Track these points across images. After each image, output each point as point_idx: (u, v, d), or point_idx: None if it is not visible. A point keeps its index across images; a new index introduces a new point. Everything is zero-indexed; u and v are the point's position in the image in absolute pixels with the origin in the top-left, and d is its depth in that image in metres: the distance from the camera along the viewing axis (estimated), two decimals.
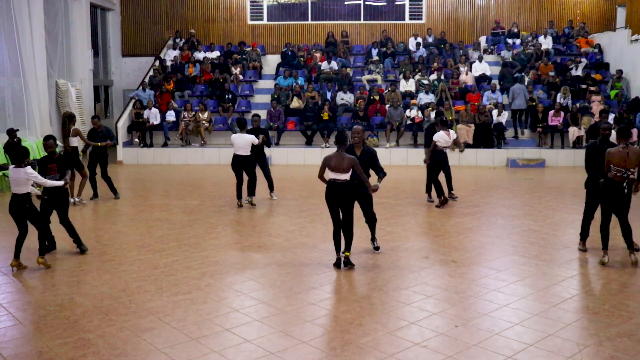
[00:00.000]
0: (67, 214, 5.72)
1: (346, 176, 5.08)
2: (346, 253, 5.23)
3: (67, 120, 8.14)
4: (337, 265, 5.29)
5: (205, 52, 15.32)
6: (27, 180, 5.18)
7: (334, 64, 14.12)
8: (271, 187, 8.52)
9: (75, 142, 8.16)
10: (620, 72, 13.35)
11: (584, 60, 14.21)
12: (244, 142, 7.78)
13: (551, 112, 12.39)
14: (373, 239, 5.87)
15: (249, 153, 7.83)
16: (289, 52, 15.05)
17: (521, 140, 12.67)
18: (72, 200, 7.95)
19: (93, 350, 3.67)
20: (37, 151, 10.34)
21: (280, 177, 10.82)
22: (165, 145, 12.84)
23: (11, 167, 5.29)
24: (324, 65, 14.25)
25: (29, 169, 5.20)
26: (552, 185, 10.17)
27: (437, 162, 7.94)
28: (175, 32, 16.06)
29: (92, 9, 14.80)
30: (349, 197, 5.12)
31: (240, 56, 15.01)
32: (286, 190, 9.31)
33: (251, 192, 8.06)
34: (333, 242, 5.32)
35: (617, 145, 5.24)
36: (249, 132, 8.05)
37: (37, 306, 4.47)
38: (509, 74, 13.63)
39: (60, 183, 5.49)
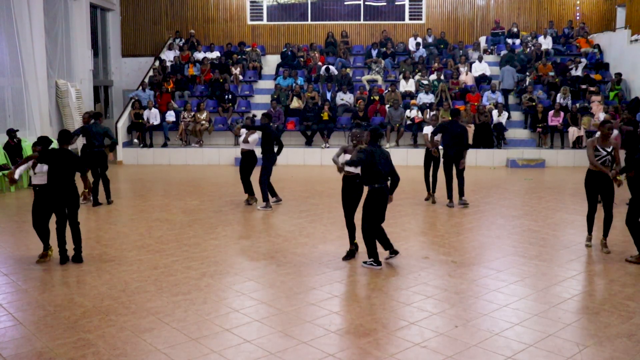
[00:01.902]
0: (77, 214, 5.69)
1: (358, 170, 5.42)
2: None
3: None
4: (349, 256, 5.57)
5: (205, 52, 15.33)
6: None
7: (333, 69, 14.12)
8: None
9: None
10: (619, 75, 13.37)
11: (583, 61, 14.22)
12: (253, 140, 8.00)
13: (551, 112, 12.40)
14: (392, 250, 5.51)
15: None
16: (289, 53, 15.06)
17: (521, 141, 12.68)
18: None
19: (93, 351, 3.67)
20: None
21: (280, 177, 10.82)
22: (165, 145, 12.84)
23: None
24: (323, 70, 14.22)
25: None
26: (552, 185, 10.17)
27: (426, 158, 8.20)
28: (175, 32, 16.07)
29: (92, 9, 14.80)
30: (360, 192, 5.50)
31: (240, 56, 15.02)
32: (286, 190, 9.31)
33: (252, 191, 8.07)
34: (347, 232, 5.62)
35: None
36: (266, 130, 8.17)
37: (37, 306, 4.47)
38: (508, 56, 13.98)
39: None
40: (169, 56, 15.08)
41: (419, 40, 15.33)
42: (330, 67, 14.19)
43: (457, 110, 8.10)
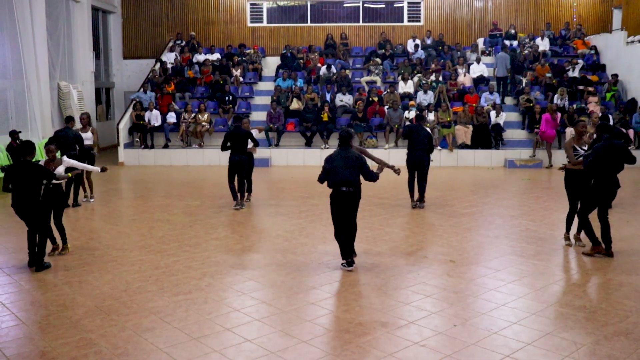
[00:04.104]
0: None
1: None
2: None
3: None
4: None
5: (205, 54, 15.41)
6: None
7: (333, 69, 14.23)
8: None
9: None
10: (615, 76, 13.48)
11: (580, 62, 14.30)
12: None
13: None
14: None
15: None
16: (289, 54, 15.13)
17: (519, 141, 12.75)
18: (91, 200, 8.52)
19: (95, 350, 3.70)
20: (40, 153, 10.39)
21: (280, 178, 10.88)
22: (166, 146, 12.90)
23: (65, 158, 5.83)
24: (323, 69, 14.34)
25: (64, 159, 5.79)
26: (550, 185, 10.22)
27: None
28: (176, 34, 16.15)
29: (93, 11, 14.88)
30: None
31: (240, 58, 15.09)
32: (286, 191, 9.36)
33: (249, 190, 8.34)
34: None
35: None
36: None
37: (39, 306, 4.51)
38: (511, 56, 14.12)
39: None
40: (169, 58, 15.16)
41: (418, 42, 15.40)
42: (332, 65, 14.31)
43: (421, 115, 8.14)
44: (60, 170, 5.64)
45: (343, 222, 5.19)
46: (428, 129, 8.43)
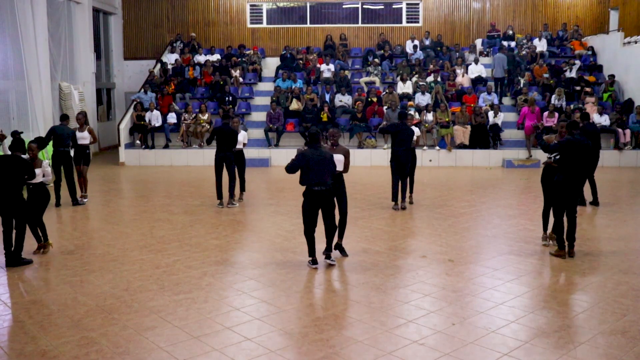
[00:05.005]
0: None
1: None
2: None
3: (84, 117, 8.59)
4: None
5: (205, 55, 15.46)
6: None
7: (332, 66, 14.31)
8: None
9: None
10: (612, 77, 13.55)
11: (577, 63, 14.37)
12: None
13: (546, 113, 12.52)
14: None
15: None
16: (288, 55, 15.18)
17: (517, 141, 12.81)
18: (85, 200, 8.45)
19: (96, 349, 3.73)
20: (41, 152, 10.42)
21: (280, 178, 10.92)
22: (166, 146, 12.94)
23: (46, 162, 5.85)
24: (323, 66, 14.42)
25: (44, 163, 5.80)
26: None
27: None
28: (176, 35, 16.20)
29: (94, 13, 14.92)
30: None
31: (240, 59, 15.14)
32: (286, 190, 9.40)
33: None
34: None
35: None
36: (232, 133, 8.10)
37: (41, 305, 4.53)
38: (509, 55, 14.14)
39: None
40: (170, 59, 15.21)
41: (416, 42, 15.46)
42: (331, 65, 14.37)
43: (404, 112, 8.08)
44: (38, 172, 5.71)
45: (325, 220, 5.35)
46: (415, 128, 8.45)
